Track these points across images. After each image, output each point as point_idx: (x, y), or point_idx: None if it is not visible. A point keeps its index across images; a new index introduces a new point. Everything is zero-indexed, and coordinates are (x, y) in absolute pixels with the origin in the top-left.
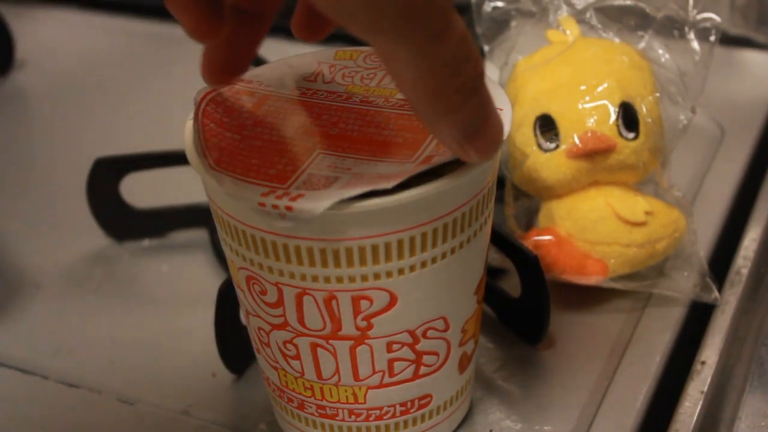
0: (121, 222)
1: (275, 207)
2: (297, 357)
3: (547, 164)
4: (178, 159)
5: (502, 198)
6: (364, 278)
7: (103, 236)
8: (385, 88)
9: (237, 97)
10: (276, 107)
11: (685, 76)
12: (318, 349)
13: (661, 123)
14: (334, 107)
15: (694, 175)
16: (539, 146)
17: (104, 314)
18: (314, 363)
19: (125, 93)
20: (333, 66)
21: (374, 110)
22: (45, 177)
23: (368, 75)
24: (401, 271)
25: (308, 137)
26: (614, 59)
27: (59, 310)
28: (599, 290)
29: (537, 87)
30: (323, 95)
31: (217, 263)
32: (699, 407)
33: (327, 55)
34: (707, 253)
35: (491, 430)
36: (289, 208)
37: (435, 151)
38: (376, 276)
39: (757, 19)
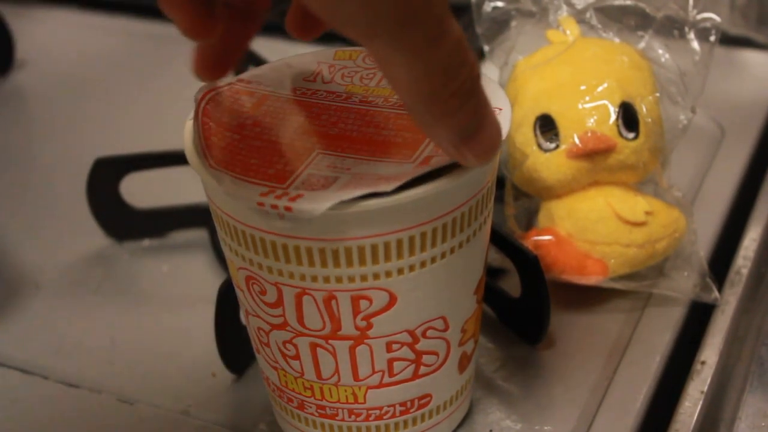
0: (121, 222)
1: (274, 207)
2: (297, 357)
3: (547, 164)
4: (178, 159)
5: (502, 198)
6: (364, 278)
7: (103, 236)
8: (385, 88)
9: (237, 97)
10: (275, 107)
11: (685, 76)
12: (317, 349)
13: (661, 123)
14: (334, 107)
15: (694, 175)
16: (539, 146)
17: (104, 314)
18: (314, 363)
19: (125, 93)
20: (332, 66)
21: (373, 110)
22: (45, 177)
23: (367, 75)
24: (401, 271)
25: (307, 137)
26: (614, 59)
27: (59, 310)
28: (599, 290)
29: (537, 87)
30: (323, 95)
31: (217, 263)
32: (699, 407)
33: (326, 55)
34: (707, 253)
35: (491, 430)
36: (288, 209)
37: (434, 152)
38: (376, 276)
39: (757, 19)
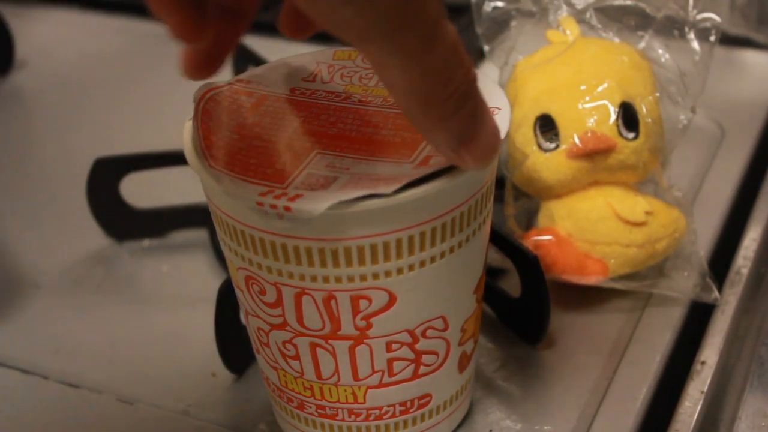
0: (121, 222)
1: (273, 207)
2: (296, 357)
3: (547, 164)
4: (178, 159)
5: (502, 198)
6: (363, 278)
7: (103, 236)
8: (383, 88)
9: (236, 97)
10: (274, 107)
11: (685, 76)
12: (317, 349)
13: (661, 123)
14: (333, 107)
15: (694, 175)
16: (539, 146)
17: (104, 314)
18: (313, 363)
19: (125, 93)
20: (331, 66)
21: (372, 110)
22: (45, 177)
23: (366, 75)
24: (400, 271)
25: (306, 137)
26: (614, 59)
27: (59, 310)
28: (599, 290)
29: (537, 87)
30: (322, 95)
31: (217, 263)
32: (699, 407)
33: (325, 56)
34: (707, 253)
35: (491, 430)
36: (288, 209)
37: (433, 152)
38: (375, 276)
39: (757, 19)
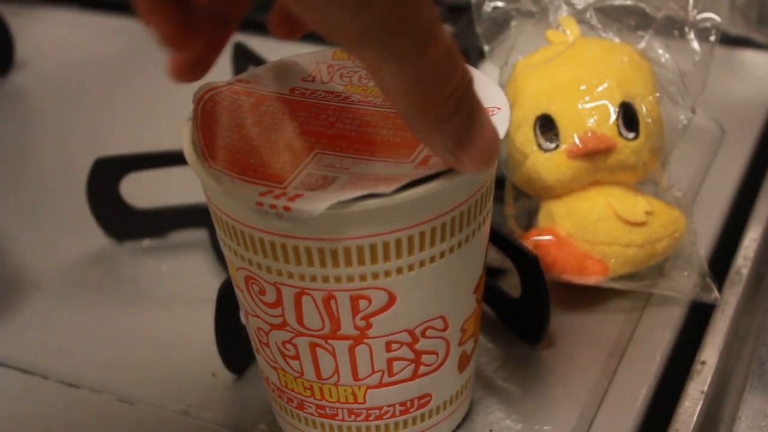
0: (121, 222)
1: (273, 207)
2: (296, 357)
3: (547, 164)
4: (178, 159)
5: (502, 198)
6: (363, 278)
7: (103, 236)
8: None
9: (235, 97)
10: (274, 107)
11: (685, 76)
12: (317, 349)
13: (661, 123)
14: (332, 107)
15: (694, 175)
16: (539, 146)
17: (104, 314)
18: (313, 363)
19: (125, 93)
20: (331, 66)
21: (372, 110)
22: (45, 177)
23: (366, 75)
24: (400, 271)
25: (306, 137)
26: (614, 59)
27: (59, 310)
28: (599, 290)
29: (537, 87)
30: (321, 95)
31: (217, 263)
32: (699, 407)
33: (325, 56)
34: (707, 253)
35: (491, 430)
36: (287, 209)
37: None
38: (375, 275)
39: (757, 19)
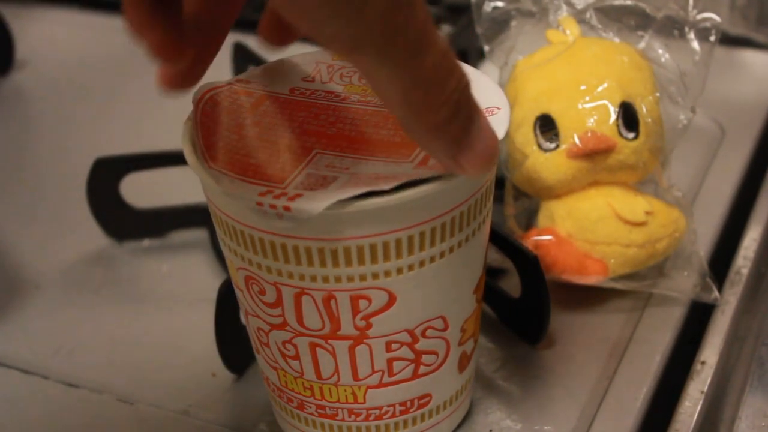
0: (121, 222)
1: (273, 207)
2: (296, 357)
3: (547, 164)
4: (178, 159)
5: (502, 198)
6: (363, 278)
7: (103, 236)
8: None
9: (235, 97)
10: (274, 107)
11: (685, 76)
12: (317, 349)
13: (661, 123)
14: (332, 107)
15: (694, 175)
16: (539, 146)
17: (104, 314)
18: (313, 363)
19: (125, 93)
20: (331, 66)
21: (372, 110)
22: (45, 177)
23: None
24: (400, 271)
25: (306, 137)
26: (614, 59)
27: (59, 310)
28: (599, 290)
29: (537, 87)
30: (321, 95)
31: (217, 263)
32: (699, 407)
33: (325, 56)
34: (707, 253)
35: (491, 430)
36: (287, 208)
37: None
38: (375, 275)
39: (757, 19)
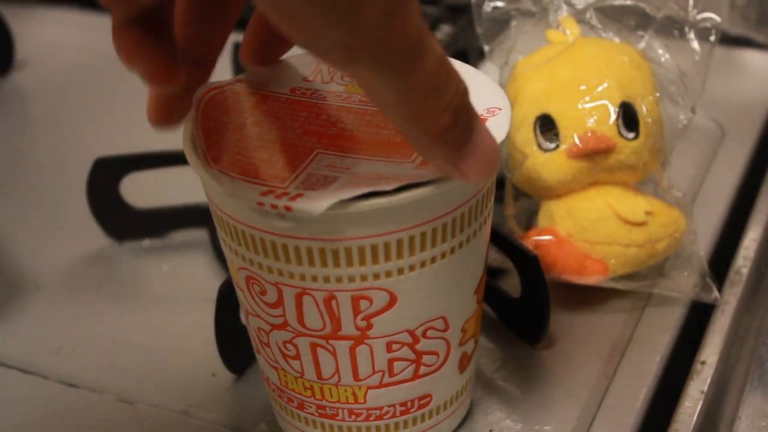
0: (121, 222)
1: (274, 207)
2: (297, 357)
3: (547, 164)
4: (178, 159)
5: (502, 198)
6: (364, 278)
7: (103, 236)
8: None
9: (236, 97)
10: (275, 107)
11: (685, 76)
12: (318, 349)
13: (661, 123)
14: (333, 107)
15: (694, 175)
16: (539, 146)
17: (104, 314)
18: (314, 363)
19: (125, 93)
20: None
21: (373, 110)
22: (45, 177)
23: None
24: (401, 271)
25: (307, 137)
26: (614, 59)
27: (59, 310)
28: (599, 290)
29: (537, 87)
30: (322, 95)
31: (217, 263)
32: (699, 407)
33: None
34: (707, 253)
35: (491, 430)
36: (288, 208)
37: None
38: (376, 276)
39: (757, 19)
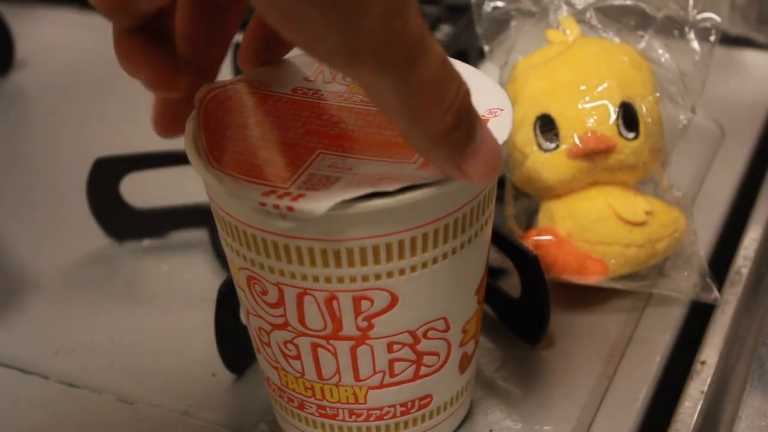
0: (121, 222)
1: (276, 207)
2: (297, 357)
3: (547, 164)
4: (179, 159)
5: (502, 198)
6: (365, 278)
7: (103, 236)
8: None
9: (238, 97)
10: (277, 107)
11: (685, 76)
12: (318, 350)
13: (661, 123)
14: (335, 107)
15: (694, 175)
16: (539, 146)
17: (104, 314)
18: (315, 363)
19: (125, 93)
20: None
21: (374, 110)
22: (45, 177)
23: None
24: (402, 272)
25: (309, 137)
26: (614, 59)
27: (59, 310)
28: (599, 290)
29: (537, 87)
30: (324, 95)
31: (217, 263)
32: (699, 407)
33: None
34: (707, 253)
35: (491, 430)
36: (290, 209)
37: None
38: (377, 276)
39: (757, 19)
